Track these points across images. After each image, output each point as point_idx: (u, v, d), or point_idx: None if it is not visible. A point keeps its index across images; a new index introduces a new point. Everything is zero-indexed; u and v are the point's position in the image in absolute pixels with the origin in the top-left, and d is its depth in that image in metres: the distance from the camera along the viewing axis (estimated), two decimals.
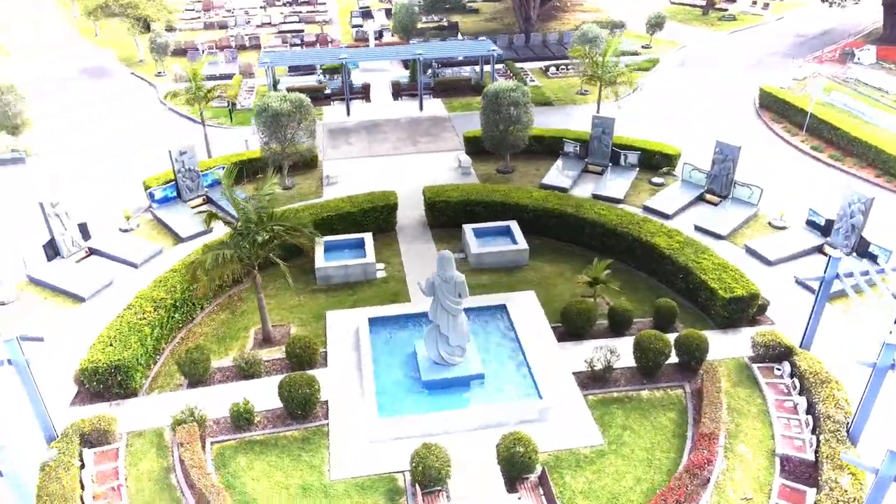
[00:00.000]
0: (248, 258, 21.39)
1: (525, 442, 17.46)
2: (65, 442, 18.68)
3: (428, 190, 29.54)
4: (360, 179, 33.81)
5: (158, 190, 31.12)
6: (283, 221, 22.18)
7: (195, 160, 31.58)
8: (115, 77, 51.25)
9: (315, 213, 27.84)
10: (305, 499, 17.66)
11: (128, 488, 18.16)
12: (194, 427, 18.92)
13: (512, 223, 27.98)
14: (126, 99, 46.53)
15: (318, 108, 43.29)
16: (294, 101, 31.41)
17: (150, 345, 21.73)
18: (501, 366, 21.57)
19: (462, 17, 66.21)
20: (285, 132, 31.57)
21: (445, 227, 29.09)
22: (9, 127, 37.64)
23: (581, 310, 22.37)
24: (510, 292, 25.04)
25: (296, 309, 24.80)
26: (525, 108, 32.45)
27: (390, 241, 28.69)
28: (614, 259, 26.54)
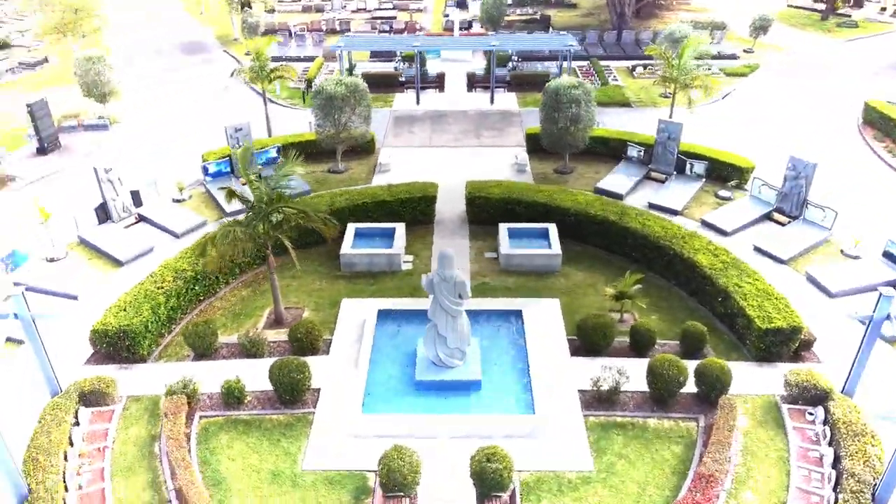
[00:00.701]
0: (260, 238, 21.28)
1: (500, 458, 16.39)
2: (63, 399, 19.34)
3: (470, 185, 28.68)
4: (414, 169, 33.37)
5: (212, 164, 31.92)
6: (295, 205, 21.78)
7: (250, 137, 32.13)
8: (208, 53, 53.34)
9: (351, 199, 27.63)
10: (272, 485, 17.42)
11: (112, 451, 18.55)
12: (182, 399, 19.10)
13: (551, 226, 26.66)
14: (213, 75, 48.21)
15: (389, 95, 43.40)
16: (349, 86, 31.34)
17: (163, 314, 22.17)
18: (503, 374, 20.51)
19: (558, 10, 64.44)
20: (339, 116, 31.52)
21: (485, 225, 28.12)
22: (97, 95, 39.76)
23: (598, 324, 20.91)
24: (533, 298, 23.82)
25: (315, 293, 24.68)
26: (586, 107, 30.86)
27: (425, 234, 28.06)
28: (655, 274, 24.94)
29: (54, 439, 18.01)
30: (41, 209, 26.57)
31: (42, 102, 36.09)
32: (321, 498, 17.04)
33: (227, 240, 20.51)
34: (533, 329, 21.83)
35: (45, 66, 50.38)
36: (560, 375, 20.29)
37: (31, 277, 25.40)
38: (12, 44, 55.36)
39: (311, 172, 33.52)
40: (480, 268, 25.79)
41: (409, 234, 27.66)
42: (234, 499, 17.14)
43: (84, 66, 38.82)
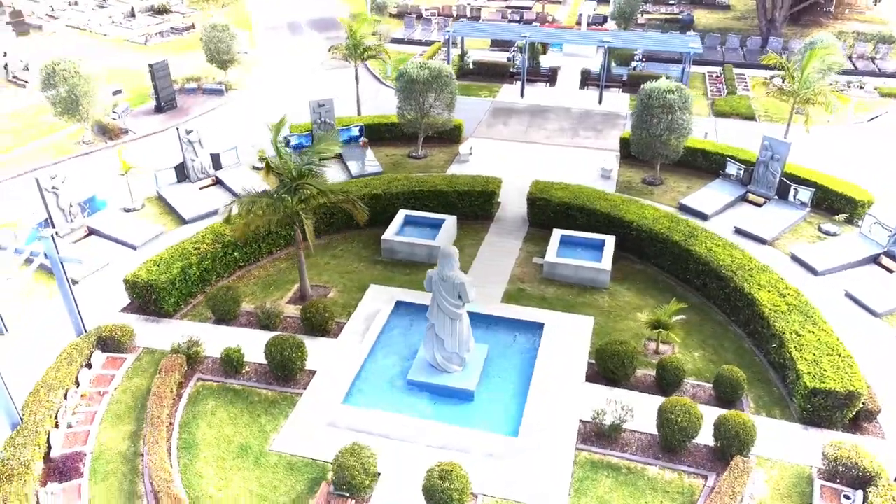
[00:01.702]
0: (288, 210, 21.12)
1: (456, 478, 15.17)
2: (83, 341, 20.37)
3: (535, 184, 27.07)
4: (494, 162, 32.26)
5: (294, 137, 32.51)
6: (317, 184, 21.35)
7: (332, 114, 32.39)
8: (337, 31, 54.59)
9: (408, 185, 27.00)
10: (236, 459, 17.29)
11: (111, 397, 19.27)
12: (181, 359, 19.50)
13: (609, 239, 24.53)
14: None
15: (496, 85, 42.28)
16: (433, 70, 30.62)
17: (195, 274, 22.75)
18: (501, 389, 19.08)
19: (708, 11, 59.84)
20: (422, 101, 30.93)
21: (545, 229, 26.43)
22: (219, 61, 41.94)
23: (618, 351, 18.85)
24: (566, 313, 22.01)
25: (348, 275, 24.36)
26: (682, 114, 28.09)
27: (479, 230, 26.87)
28: (715, 307, 22.32)
29: (60, 377, 18.99)
30: (123, 161, 28.24)
31: (163, 64, 38.56)
32: (276, 481, 16.67)
33: (250, 208, 20.58)
34: (550, 346, 20.12)
35: (192, 32, 53.97)
36: (564, 401, 18.52)
37: (104, 223, 27.12)
38: (171, 10, 59.86)
39: (391, 155, 33.31)
40: (522, 273, 24.26)
41: (463, 229, 26.64)
42: (197, 464, 17.19)
43: (209, 34, 41.07)
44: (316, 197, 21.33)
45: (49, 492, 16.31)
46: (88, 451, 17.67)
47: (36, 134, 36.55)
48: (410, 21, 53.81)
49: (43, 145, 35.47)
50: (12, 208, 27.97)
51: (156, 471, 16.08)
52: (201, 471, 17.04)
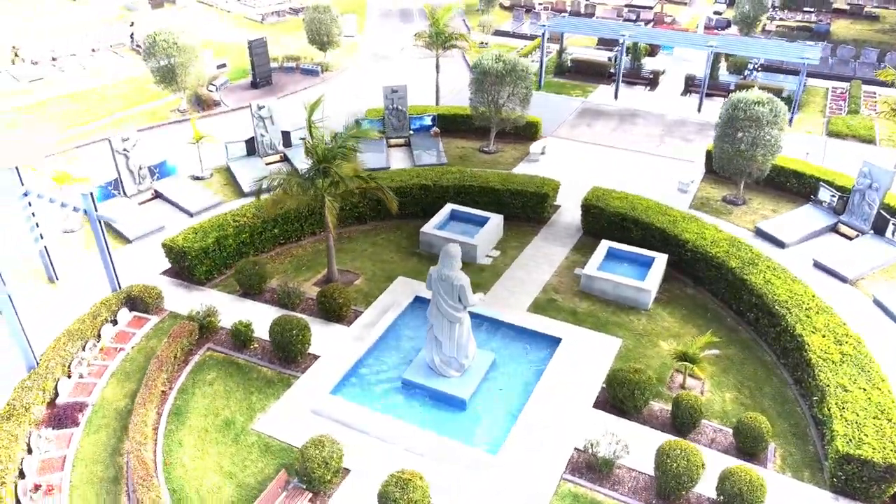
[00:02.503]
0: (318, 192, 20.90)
1: (414, 488, 14.34)
2: (114, 297, 21.24)
3: (592, 191, 25.42)
4: (566, 164, 30.81)
5: (366, 121, 32.46)
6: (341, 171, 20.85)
7: (405, 101, 32.06)
8: None
9: (459, 179, 26.18)
10: (218, 433, 17.34)
11: (125, 355, 19.92)
12: (192, 326, 19.84)
13: (660, 257, 22.59)
14: None
15: (591, 85, 40.47)
16: (508, 63, 29.51)
17: (230, 246, 23.13)
18: (496, 403, 17.93)
19: (850, 21, 54.29)
20: (495, 95, 29.93)
21: (598, 238, 24.77)
22: (319, 43, 42.81)
23: (629, 380, 17.18)
24: (593, 331, 20.46)
25: (381, 264, 23.95)
26: (770, 129, 25.41)
27: (527, 233, 25.62)
28: (764, 345, 20.04)
29: (83, 329, 19.88)
30: (196, 130, 29.28)
31: (261, 41, 39.81)
32: (248, 461, 16.54)
33: (277, 185, 20.58)
34: (562, 364, 18.72)
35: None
36: (563, 424, 17.14)
37: (169, 188, 28.28)
38: None
39: (461, 148, 32.58)
40: (559, 283, 22.83)
41: (511, 230, 25.53)
42: (181, 431, 17.40)
43: (311, 15, 41.95)
44: (344, 182, 20.96)
45: (41, 435, 17.02)
46: (91, 402, 18.33)
47: (141, 100, 38.87)
48: (519, 14, 52.62)
49: (144, 111, 37.65)
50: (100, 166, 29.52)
51: (134, 432, 16.37)
52: (182, 439, 17.21)
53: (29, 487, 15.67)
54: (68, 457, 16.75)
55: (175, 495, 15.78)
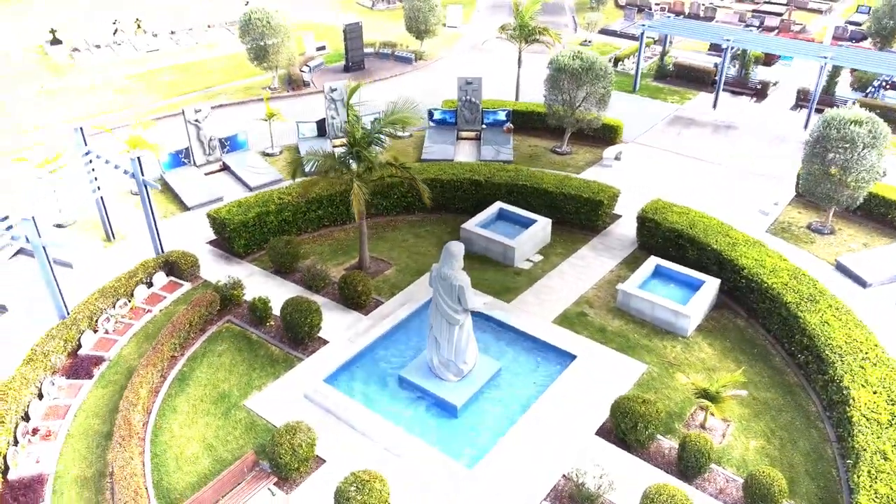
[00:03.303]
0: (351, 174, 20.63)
1: (370, 491, 13.78)
2: (153, 261, 22.04)
3: (652, 203, 23.63)
4: (643, 173, 29.04)
5: (438, 112, 32.04)
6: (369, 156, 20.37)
7: (479, 93, 31.28)
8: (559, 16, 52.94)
9: (512, 177, 25.15)
10: (210, 404, 17.52)
11: (152, 317, 20.58)
12: (213, 296, 20.17)
13: (711, 281, 20.63)
14: None
15: (691, 92, 37.99)
16: (586, 61, 28.04)
17: (271, 222, 23.39)
18: (491, 415, 16.94)
19: None
20: (569, 93, 28.58)
21: (654, 253, 23.05)
22: (416, 31, 42.77)
23: (633, 410, 15.67)
24: (618, 352, 18.98)
25: (417, 256, 23.45)
26: (868, 152, 22.60)
27: (576, 241, 24.22)
28: (810, 392, 17.89)
29: (117, 287, 20.77)
30: (268, 107, 29.94)
31: (355, 26, 40.24)
32: (231, 436, 16.58)
33: (310, 164, 20.51)
34: (572, 383, 17.44)
35: None
36: (555, 448, 15.94)
37: (236, 161, 29.10)
38: None
39: (533, 146, 31.45)
40: (595, 297, 21.38)
41: (560, 236, 24.26)
42: (179, 398, 17.73)
43: (411, 3, 41.92)
44: (376, 168, 20.57)
45: (54, 383, 17.87)
46: (108, 358, 19.07)
47: (238, 76, 40.41)
48: (631, 14, 50.26)
49: (239, 86, 39.11)
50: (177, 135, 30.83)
51: (129, 392, 16.80)
52: (178, 405, 17.52)
53: (29, 430, 16.45)
54: (73, 407, 17.48)
55: (155, 459, 16.06)
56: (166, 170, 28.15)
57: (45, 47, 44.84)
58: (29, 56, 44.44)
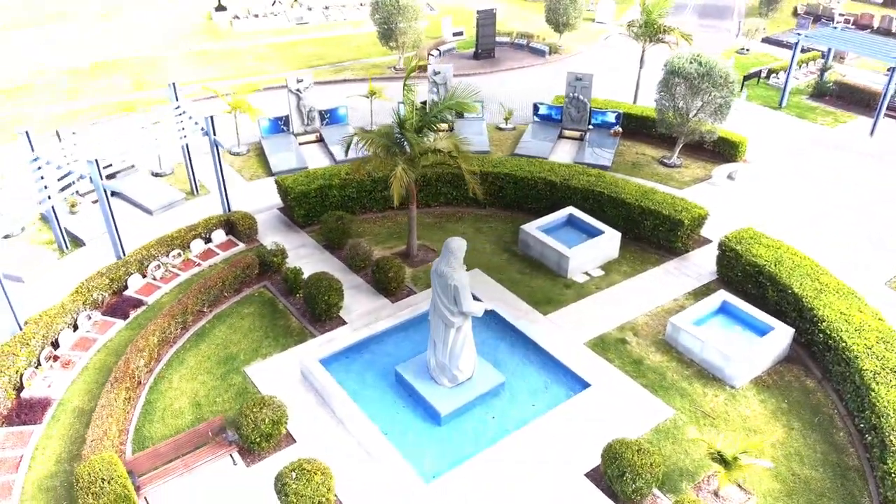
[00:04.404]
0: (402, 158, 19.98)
1: (310, 483, 13.18)
2: (217, 218, 22.85)
3: (739, 232, 20.75)
4: (756, 197, 25.85)
5: (544, 107, 30.51)
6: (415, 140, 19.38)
7: (589, 91, 29.31)
8: (721, 20, 48.80)
9: (589, 183, 23.21)
10: (215, 364, 17.72)
11: (200, 271, 21.28)
12: (251, 259, 20.50)
13: (782, 330, 17.72)
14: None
15: (849, 115, 33.39)
16: (704, 65, 25.26)
17: (334, 196, 23.35)
18: (476, 430, 15.60)
19: None
20: (682, 100, 25.97)
21: (731, 286, 20.35)
22: (555, 23, 41.18)
23: (622, 458, 13.71)
24: (645, 390, 16.83)
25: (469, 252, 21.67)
26: None
27: (650, 261, 21.89)
28: (874, 484, 14.86)
29: (176, 238, 21.76)
30: (371, 85, 30.01)
31: (489, 12, 39.35)
32: (219, 398, 16.67)
33: (363, 142, 20.11)
34: (574, 413, 15.68)
35: None
36: (532, 482, 14.39)
37: (331, 134, 29.45)
38: None
39: (641, 154, 29.04)
40: (644, 325, 19.14)
41: (631, 253, 22.17)
42: (189, 353, 18.13)
43: None
44: (427, 155, 19.72)
45: (90, 317, 18.99)
46: (147, 303, 19.98)
47: (369, 54, 41.08)
48: (805, 23, 44.91)
49: (366, 63, 39.78)
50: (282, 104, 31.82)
51: (139, 339, 17.39)
52: (186, 359, 17.94)
53: (52, 356, 17.57)
54: (99, 342, 18.46)
55: (146, 406, 16.54)
56: (264, 135, 29.10)
57: (211, 13, 48.36)
58: (198, 20, 48.17)
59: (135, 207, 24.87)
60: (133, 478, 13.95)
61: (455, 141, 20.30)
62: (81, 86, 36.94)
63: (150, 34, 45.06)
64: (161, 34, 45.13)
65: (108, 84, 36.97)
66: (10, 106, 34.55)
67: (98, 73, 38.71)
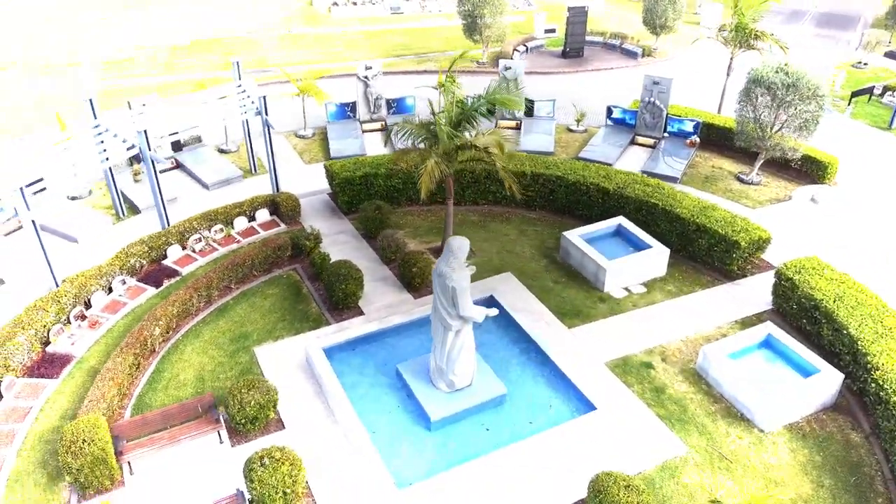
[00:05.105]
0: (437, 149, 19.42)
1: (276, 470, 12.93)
2: (265, 197, 23.15)
3: (799, 261, 18.73)
4: (834, 224, 23.40)
5: (618, 110, 29.04)
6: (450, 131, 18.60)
7: (667, 96, 27.58)
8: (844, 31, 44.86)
9: (643, 194, 21.72)
10: (228, 340, 17.85)
11: (237, 247, 21.58)
12: (284, 241, 20.62)
13: (832, 375, 15.81)
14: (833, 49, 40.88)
15: None
16: (792, 76, 23.11)
17: (379, 185, 23.11)
18: (465, 442, 14.81)
19: None
20: (765, 112, 23.92)
21: (786, 320, 18.53)
22: (652, 25, 39.22)
23: (606, 494, 12.51)
24: (660, 421, 15.48)
25: (506, 254, 21.52)
26: None
27: (700, 283, 20.24)
28: None
29: (220, 212, 22.24)
30: (440, 77, 29.53)
31: (580, 10, 37.96)
32: (222, 375, 16.76)
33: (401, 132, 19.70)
34: (572, 437, 14.60)
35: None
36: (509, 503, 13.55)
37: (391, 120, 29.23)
38: None
39: (717, 168, 27.05)
40: (677, 351, 17.63)
41: (683, 272, 20.66)
42: (207, 327, 18.38)
43: None
44: (463, 149, 19.02)
45: (124, 282, 19.66)
46: (182, 273, 20.47)
47: (455, 46, 40.56)
48: None
49: (449, 56, 39.24)
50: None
51: (157, 308, 17.79)
52: (203, 333, 18.20)
53: (77, 313, 18.30)
54: (128, 307, 19.06)
55: (154, 374, 16.87)
56: (330, 120, 29.30)
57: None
58: (298, 5, 49.45)
59: (194, 181, 25.63)
60: (117, 443, 14.18)
61: (497, 138, 19.48)
62: (178, 61, 38.70)
63: (251, 16, 46.67)
64: (262, 17, 46.62)
65: (200, 61, 38.51)
66: (114, 75, 36.72)
67: (195, 50, 40.44)
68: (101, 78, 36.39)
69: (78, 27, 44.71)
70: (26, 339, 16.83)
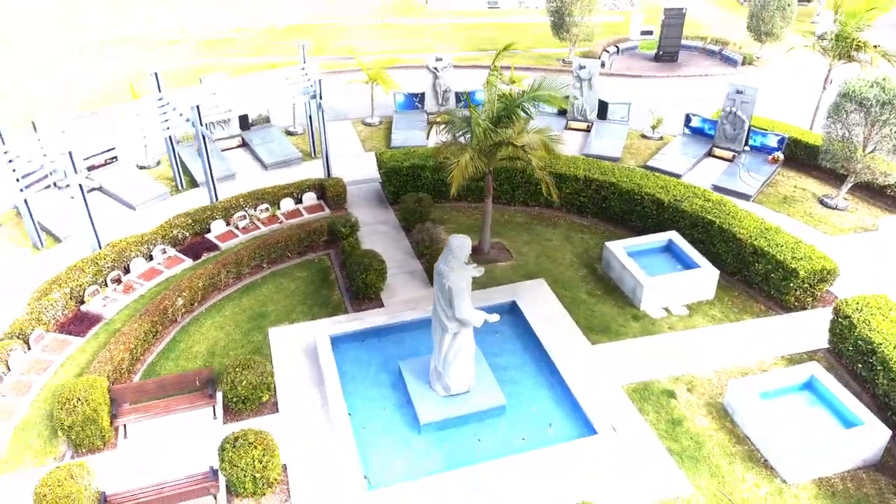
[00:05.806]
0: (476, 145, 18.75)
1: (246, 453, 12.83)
2: (314, 181, 23.32)
3: (862, 298, 16.70)
4: None
5: (697, 119, 27.26)
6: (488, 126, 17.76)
7: (751, 106, 25.52)
8: None
9: (700, 211, 20.11)
10: (246, 319, 18.03)
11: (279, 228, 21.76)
12: (321, 226, 20.68)
13: (877, 428, 13.98)
14: None
15: None
16: (888, 92, 20.76)
17: (426, 178, 22.67)
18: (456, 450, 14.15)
19: None
20: (866, 130, 21.65)
21: (842, 362, 16.69)
22: (757, 31, 36.64)
23: None
24: (669, 456, 14.22)
25: (545, 259, 20.56)
26: None
27: (750, 311, 18.49)
28: None
29: (268, 192, 22.65)
30: (512, 73, 28.73)
31: (677, 12, 35.94)
32: (233, 351, 16.92)
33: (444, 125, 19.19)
34: (564, 461, 13.63)
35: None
36: None
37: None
38: None
39: (799, 189, 24.75)
40: (707, 382, 16.13)
41: (736, 298, 19.01)
42: (231, 302, 18.69)
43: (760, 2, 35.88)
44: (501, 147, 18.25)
45: (165, 251, 20.27)
46: (222, 248, 20.90)
47: (542, 44, 39.53)
48: None
49: (535, 53, 38.39)
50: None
51: (182, 280, 18.19)
52: (225, 308, 18.49)
53: (113, 277, 19.01)
54: (163, 275, 19.64)
55: (171, 343, 17.28)
56: (397, 109, 29.17)
57: None
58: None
59: (255, 159, 26.18)
60: (114, 406, 14.51)
61: (543, 138, 18.57)
62: (270, 44, 39.83)
63: (351, 3, 47.42)
64: (359, 5, 47.27)
65: (290, 45, 39.43)
66: (210, 54, 38.29)
67: (290, 34, 41.48)
68: (199, 56, 38.01)
69: (187, 5, 47.12)
70: (61, 296, 17.62)
